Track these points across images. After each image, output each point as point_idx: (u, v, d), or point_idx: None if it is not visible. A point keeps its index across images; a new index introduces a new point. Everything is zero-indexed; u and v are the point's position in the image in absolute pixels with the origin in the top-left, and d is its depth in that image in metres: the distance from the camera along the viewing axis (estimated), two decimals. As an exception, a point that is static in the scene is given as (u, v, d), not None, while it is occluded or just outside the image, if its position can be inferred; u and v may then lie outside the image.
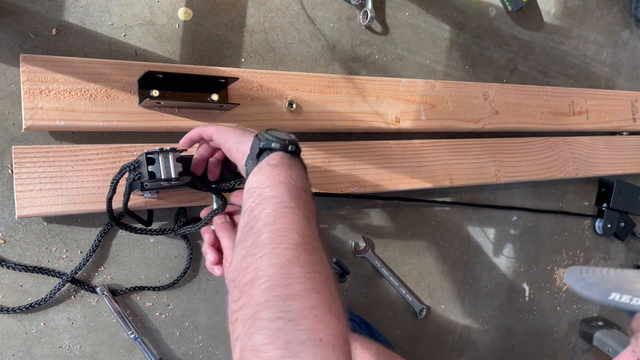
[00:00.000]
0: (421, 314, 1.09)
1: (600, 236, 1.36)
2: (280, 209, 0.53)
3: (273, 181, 0.56)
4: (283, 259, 0.48)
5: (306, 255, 0.49)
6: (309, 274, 0.47)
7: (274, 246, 0.49)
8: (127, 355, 0.83)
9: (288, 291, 0.45)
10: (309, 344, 0.42)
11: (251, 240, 0.51)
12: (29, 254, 0.76)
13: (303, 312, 0.44)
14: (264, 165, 0.59)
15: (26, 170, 0.72)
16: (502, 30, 1.17)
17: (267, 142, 0.61)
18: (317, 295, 0.45)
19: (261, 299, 0.45)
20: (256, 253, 0.49)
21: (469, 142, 1.08)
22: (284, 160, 0.59)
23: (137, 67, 0.77)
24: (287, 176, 0.57)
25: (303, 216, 0.53)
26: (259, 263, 0.48)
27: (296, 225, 0.52)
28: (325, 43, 0.96)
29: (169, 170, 0.69)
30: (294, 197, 0.55)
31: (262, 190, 0.55)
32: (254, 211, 0.54)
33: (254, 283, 0.46)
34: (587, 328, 1.33)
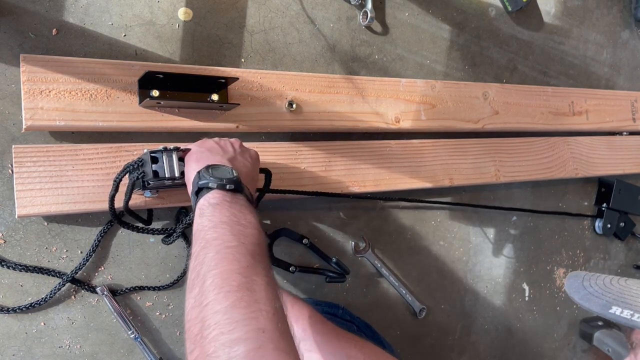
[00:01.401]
0: (421, 314, 1.09)
1: (600, 236, 1.36)
2: (223, 251, 0.54)
3: (215, 222, 0.57)
4: (226, 304, 0.48)
5: (249, 295, 0.49)
6: (253, 314, 0.47)
7: (216, 292, 0.49)
8: (127, 355, 0.83)
9: (233, 336, 0.45)
10: None
11: (198, 288, 0.51)
12: (29, 254, 0.76)
13: (249, 355, 0.44)
14: (205, 205, 0.60)
15: (26, 169, 0.72)
16: (502, 30, 1.17)
17: (205, 181, 0.62)
18: (263, 335, 0.45)
19: (210, 349, 0.45)
20: (202, 302, 0.49)
21: (469, 142, 1.08)
22: (225, 198, 0.60)
23: (137, 67, 0.77)
24: (229, 214, 0.58)
25: (246, 253, 0.54)
26: (205, 312, 0.48)
27: (238, 265, 0.52)
28: (325, 43, 0.96)
29: (173, 169, 0.70)
30: (236, 235, 0.56)
31: (205, 233, 0.56)
32: (199, 256, 0.55)
33: (202, 333, 0.47)
34: (587, 328, 1.33)
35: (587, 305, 0.58)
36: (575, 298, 0.60)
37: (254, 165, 0.73)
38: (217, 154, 0.68)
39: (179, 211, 0.83)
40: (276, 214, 0.93)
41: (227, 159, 0.68)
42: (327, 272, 0.97)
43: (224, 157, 0.68)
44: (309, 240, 0.94)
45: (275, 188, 0.84)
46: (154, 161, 0.69)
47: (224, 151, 0.70)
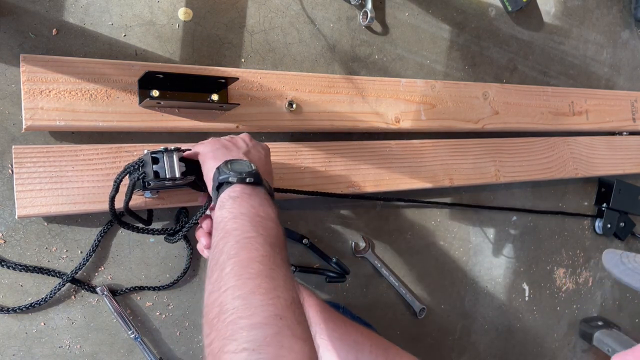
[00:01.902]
0: (421, 314, 1.09)
1: (600, 236, 1.36)
2: (242, 240, 0.55)
3: (235, 213, 0.58)
4: (245, 290, 0.49)
5: (267, 282, 0.50)
6: (271, 301, 0.48)
7: (236, 278, 0.50)
8: (127, 355, 0.83)
9: (251, 321, 0.46)
10: None
11: (216, 275, 0.52)
12: (29, 254, 0.76)
13: (266, 340, 0.44)
14: (226, 198, 0.61)
15: (26, 170, 0.72)
16: (502, 30, 1.17)
17: (225, 175, 0.63)
18: (280, 321, 0.46)
19: (227, 332, 0.46)
20: (221, 287, 0.50)
21: (469, 142, 1.08)
22: (245, 191, 0.61)
23: (137, 67, 0.77)
24: (248, 206, 0.59)
25: (265, 243, 0.55)
26: (224, 297, 0.49)
27: (257, 254, 0.53)
28: (325, 43, 0.96)
29: (173, 170, 0.70)
30: (255, 226, 0.57)
31: (225, 224, 0.57)
32: (218, 245, 0.56)
33: (219, 317, 0.48)
34: (587, 328, 1.33)
35: (626, 280, 0.60)
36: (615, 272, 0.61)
37: (268, 158, 0.75)
38: (232, 149, 0.69)
39: (179, 211, 0.83)
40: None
41: (242, 153, 0.69)
42: (327, 272, 0.97)
43: (239, 151, 0.69)
44: (309, 240, 0.94)
45: (275, 188, 0.84)
46: (155, 162, 0.69)
47: (237, 147, 0.70)
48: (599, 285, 1.38)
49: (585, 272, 1.35)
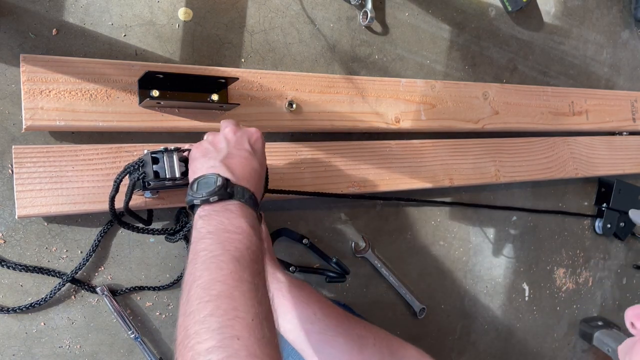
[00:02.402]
0: (421, 314, 1.09)
1: (600, 236, 1.36)
2: (207, 260, 0.55)
3: (203, 233, 0.58)
4: (204, 313, 0.49)
5: (227, 302, 0.50)
6: (229, 322, 0.48)
7: (197, 302, 0.51)
8: (127, 355, 0.83)
9: (207, 345, 0.46)
10: None
11: (184, 298, 0.53)
12: (29, 254, 0.76)
13: None
14: (197, 219, 0.61)
15: (26, 170, 0.72)
16: (502, 30, 1.17)
17: (190, 198, 0.63)
18: (237, 342, 0.46)
19: (187, 357, 0.47)
20: (186, 311, 0.51)
21: (469, 142, 1.08)
22: (213, 209, 0.61)
23: (137, 67, 0.77)
24: (216, 223, 0.59)
25: (230, 260, 0.54)
26: (187, 321, 0.50)
27: (220, 274, 0.53)
28: (325, 43, 0.96)
29: (173, 170, 0.70)
30: (222, 243, 0.56)
31: (195, 245, 0.58)
32: (188, 268, 0.56)
33: (183, 342, 0.48)
34: (587, 328, 1.33)
35: None
36: None
37: (254, 155, 0.70)
38: (211, 157, 0.67)
39: (179, 211, 0.83)
40: (276, 214, 0.93)
41: (219, 160, 0.66)
42: (327, 272, 0.97)
43: (217, 158, 0.67)
44: (309, 240, 0.94)
45: (275, 188, 0.84)
46: (155, 162, 0.70)
47: (216, 151, 0.68)
48: (599, 285, 1.38)
49: (585, 272, 1.35)
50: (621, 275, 1.42)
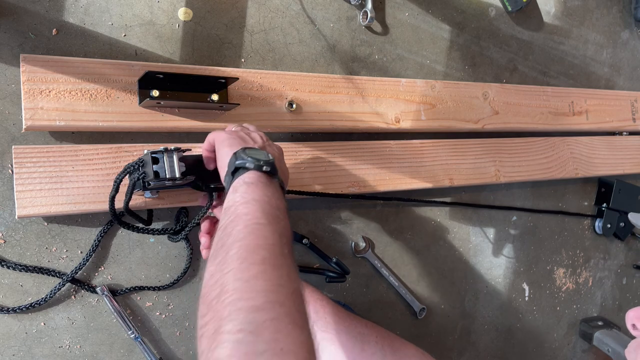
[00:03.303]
0: (421, 314, 1.09)
1: (600, 236, 1.36)
2: (252, 226, 0.54)
3: (247, 199, 0.57)
4: (248, 274, 0.48)
5: (271, 270, 0.50)
6: (273, 288, 0.48)
7: (240, 262, 0.50)
8: (127, 355, 0.83)
9: (251, 304, 0.45)
10: (269, 353, 0.42)
11: (221, 257, 0.52)
12: (29, 254, 0.76)
13: (265, 324, 0.44)
14: (240, 183, 0.60)
15: (26, 170, 0.72)
16: (502, 30, 1.17)
17: (242, 161, 0.62)
18: (280, 308, 0.46)
19: (225, 313, 0.45)
20: (224, 269, 0.50)
21: (469, 142, 1.08)
22: (260, 179, 0.61)
23: (137, 67, 0.77)
24: (261, 194, 0.58)
25: (274, 232, 0.54)
26: (226, 278, 0.48)
27: (265, 242, 0.52)
28: (325, 43, 0.96)
29: (173, 170, 0.70)
30: (266, 214, 0.56)
31: (235, 208, 0.56)
32: (227, 228, 0.55)
33: (219, 298, 0.47)
34: (587, 328, 1.33)
35: None
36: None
37: (282, 157, 0.75)
38: (249, 141, 0.69)
39: (179, 211, 0.83)
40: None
41: (258, 146, 0.68)
42: (327, 272, 0.97)
43: (256, 145, 0.69)
44: (309, 240, 0.94)
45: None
46: (155, 162, 0.70)
47: (253, 140, 0.70)
48: (599, 285, 1.38)
49: (585, 272, 1.35)
50: (621, 275, 1.42)
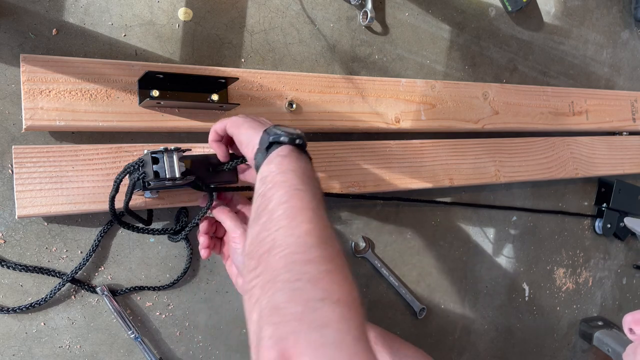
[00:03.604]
0: (421, 314, 1.09)
1: (600, 236, 1.36)
2: (292, 191, 0.56)
3: (283, 169, 0.59)
4: (299, 231, 0.51)
5: (319, 229, 0.52)
6: (323, 245, 0.50)
7: (289, 220, 0.52)
8: (127, 355, 0.83)
9: (305, 257, 0.48)
10: (328, 301, 0.44)
11: (266, 218, 0.54)
12: (29, 254, 0.76)
13: (320, 275, 0.46)
14: (274, 156, 0.62)
15: (26, 170, 0.72)
16: (502, 30, 1.17)
17: (276, 136, 0.64)
18: (331, 263, 0.48)
19: (279, 265, 0.47)
20: (271, 228, 0.52)
21: (469, 142, 1.08)
22: (293, 153, 0.63)
23: (137, 67, 0.77)
24: (296, 165, 0.60)
25: (313, 198, 0.56)
26: (276, 235, 0.51)
27: (308, 205, 0.54)
28: (325, 43, 0.96)
29: (173, 170, 0.70)
30: (303, 182, 0.58)
31: (273, 177, 0.58)
32: (266, 194, 0.57)
33: (271, 252, 0.49)
34: (587, 328, 1.33)
35: None
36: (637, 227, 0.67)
37: None
38: (265, 123, 0.70)
39: (179, 211, 0.83)
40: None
41: None
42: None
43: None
44: (309, 240, 0.94)
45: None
46: (155, 162, 0.70)
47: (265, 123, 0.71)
48: (599, 285, 1.38)
49: (585, 272, 1.35)
50: (621, 275, 1.42)
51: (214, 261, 0.88)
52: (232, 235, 0.75)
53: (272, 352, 0.42)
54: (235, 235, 0.74)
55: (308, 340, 0.41)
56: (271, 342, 0.42)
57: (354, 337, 0.42)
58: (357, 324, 0.44)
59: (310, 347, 0.41)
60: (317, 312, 0.43)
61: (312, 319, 0.43)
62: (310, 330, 0.42)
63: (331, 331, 0.42)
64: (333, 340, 0.41)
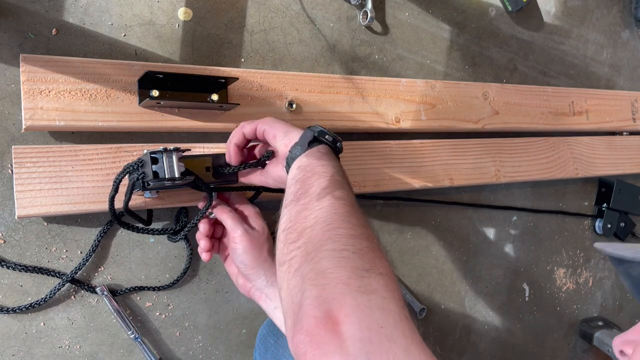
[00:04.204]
0: (421, 314, 1.09)
1: (600, 236, 1.36)
2: (334, 181, 0.58)
3: (324, 162, 0.62)
4: (343, 210, 0.53)
5: (358, 213, 0.55)
6: (363, 226, 0.53)
7: (332, 201, 0.54)
8: (127, 355, 0.83)
9: (350, 232, 0.50)
10: (373, 272, 0.46)
11: (307, 199, 0.56)
12: (29, 254, 0.76)
13: (365, 249, 0.48)
14: (315, 151, 0.64)
15: (26, 170, 0.72)
16: (502, 30, 1.17)
17: (321, 133, 0.67)
18: (372, 241, 0.51)
19: (324, 236, 0.50)
20: (314, 207, 0.54)
21: (469, 142, 1.08)
22: (331, 153, 0.66)
23: (137, 67, 0.77)
24: (334, 162, 0.63)
25: (351, 190, 0.59)
26: (319, 213, 0.53)
27: (347, 193, 0.57)
28: (325, 43, 0.96)
29: (173, 170, 0.70)
30: (342, 175, 0.61)
31: (313, 167, 0.61)
32: (306, 181, 0.59)
33: (314, 227, 0.51)
34: (587, 328, 1.33)
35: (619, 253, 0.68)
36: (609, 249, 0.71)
37: None
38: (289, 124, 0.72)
39: (179, 211, 0.83)
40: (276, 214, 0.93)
41: None
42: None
43: None
44: (309, 241, 0.94)
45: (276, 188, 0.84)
46: (154, 162, 0.69)
47: None
48: (599, 285, 1.38)
49: (586, 272, 1.35)
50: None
51: (214, 261, 0.88)
52: (232, 235, 0.75)
53: (318, 311, 0.43)
54: (236, 235, 0.74)
55: (356, 301, 0.43)
56: (317, 302, 0.43)
57: (398, 305, 0.44)
58: (399, 295, 0.46)
59: (357, 308, 0.42)
60: (364, 279, 0.45)
61: (359, 284, 0.44)
62: (358, 293, 0.43)
63: (378, 297, 0.43)
64: (380, 305, 0.43)
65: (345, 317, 0.41)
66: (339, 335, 0.41)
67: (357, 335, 0.40)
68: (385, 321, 0.42)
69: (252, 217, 0.77)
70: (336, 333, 0.41)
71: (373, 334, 0.41)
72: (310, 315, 0.43)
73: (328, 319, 0.42)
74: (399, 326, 0.42)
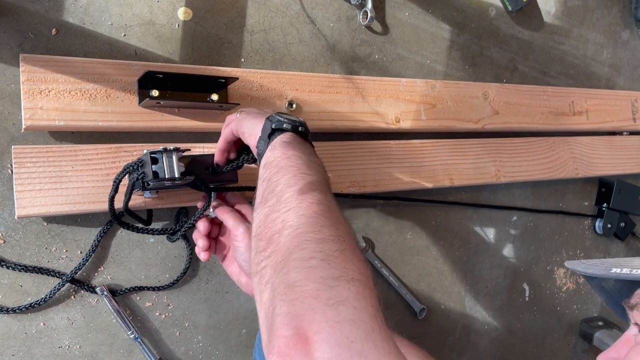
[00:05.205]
0: (421, 314, 1.09)
1: (600, 236, 1.36)
2: (299, 175, 0.56)
3: (288, 155, 0.59)
4: (310, 211, 0.51)
5: (329, 211, 0.52)
6: (335, 225, 0.50)
7: (299, 202, 0.52)
8: (127, 355, 0.83)
9: (318, 236, 0.48)
10: (343, 279, 0.44)
11: (274, 201, 0.54)
12: (28, 254, 0.76)
13: (334, 254, 0.46)
14: (278, 142, 0.62)
15: (26, 170, 0.71)
16: (502, 30, 1.17)
17: (278, 123, 0.64)
18: (344, 243, 0.48)
19: (292, 244, 0.47)
20: (281, 209, 0.52)
21: (469, 142, 1.08)
22: (296, 140, 0.63)
23: (137, 67, 0.77)
24: (300, 152, 0.60)
25: (320, 182, 0.56)
26: (286, 216, 0.51)
27: (317, 187, 0.55)
28: (325, 43, 0.96)
29: (173, 170, 0.70)
30: (309, 167, 0.58)
31: (278, 162, 0.58)
32: (272, 179, 0.57)
33: (282, 232, 0.49)
34: (587, 328, 1.33)
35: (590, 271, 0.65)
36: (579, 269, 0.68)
37: None
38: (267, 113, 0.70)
39: (178, 211, 0.83)
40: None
41: None
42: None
43: None
44: (309, 241, 0.94)
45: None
46: (154, 162, 0.69)
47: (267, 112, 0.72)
48: (599, 285, 1.38)
49: (586, 272, 1.35)
50: (621, 275, 1.42)
51: (213, 261, 0.88)
52: (234, 233, 0.74)
53: (288, 329, 0.41)
54: (238, 233, 0.74)
55: (325, 317, 0.41)
56: (287, 319, 0.42)
57: (370, 314, 0.42)
58: (372, 302, 0.44)
59: (326, 324, 0.41)
60: (333, 290, 0.43)
61: (328, 296, 0.42)
62: (327, 307, 0.42)
63: (348, 308, 0.42)
64: (350, 317, 0.41)
65: (315, 334, 0.40)
66: (309, 356, 0.40)
67: (327, 354, 0.39)
68: (355, 335, 0.40)
69: (251, 215, 0.77)
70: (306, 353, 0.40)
71: (343, 350, 0.39)
72: (280, 335, 0.42)
73: (298, 339, 0.41)
74: (370, 339, 0.41)
